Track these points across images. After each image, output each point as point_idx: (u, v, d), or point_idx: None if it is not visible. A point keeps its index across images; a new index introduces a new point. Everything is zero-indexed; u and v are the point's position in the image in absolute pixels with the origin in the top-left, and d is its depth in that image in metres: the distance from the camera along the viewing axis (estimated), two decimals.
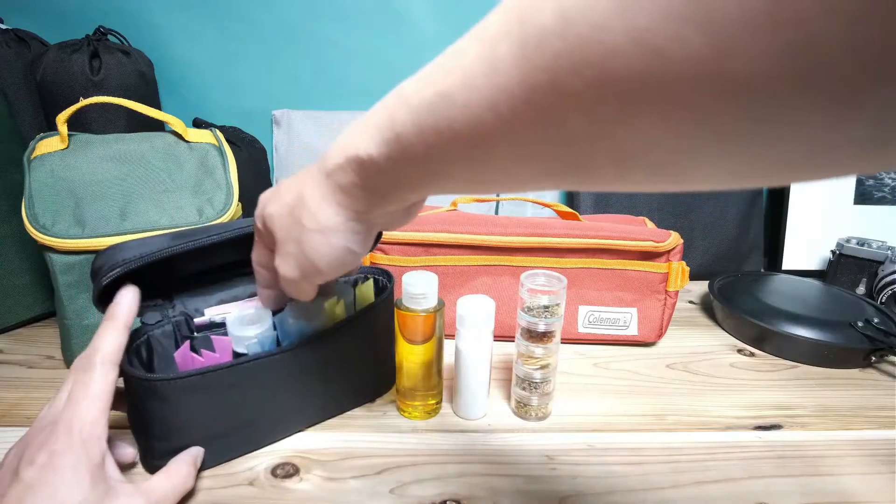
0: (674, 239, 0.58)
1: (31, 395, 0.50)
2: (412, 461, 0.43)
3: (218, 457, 0.41)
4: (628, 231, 0.59)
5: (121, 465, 0.40)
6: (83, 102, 0.55)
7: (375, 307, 0.47)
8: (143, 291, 0.39)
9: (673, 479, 0.42)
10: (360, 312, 0.46)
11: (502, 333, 0.59)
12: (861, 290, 0.77)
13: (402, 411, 0.48)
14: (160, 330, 0.43)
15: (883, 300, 0.69)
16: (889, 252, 0.74)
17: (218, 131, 0.63)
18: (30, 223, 0.50)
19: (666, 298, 0.60)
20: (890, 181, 0.85)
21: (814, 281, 0.73)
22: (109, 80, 0.68)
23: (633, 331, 0.61)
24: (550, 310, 0.45)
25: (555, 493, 0.40)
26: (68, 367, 0.54)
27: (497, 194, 0.27)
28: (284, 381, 0.42)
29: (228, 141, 0.65)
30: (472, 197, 0.67)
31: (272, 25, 0.81)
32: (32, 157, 0.53)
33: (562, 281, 0.45)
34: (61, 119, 0.54)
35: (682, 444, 0.46)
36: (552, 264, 0.59)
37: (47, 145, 0.54)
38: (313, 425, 0.46)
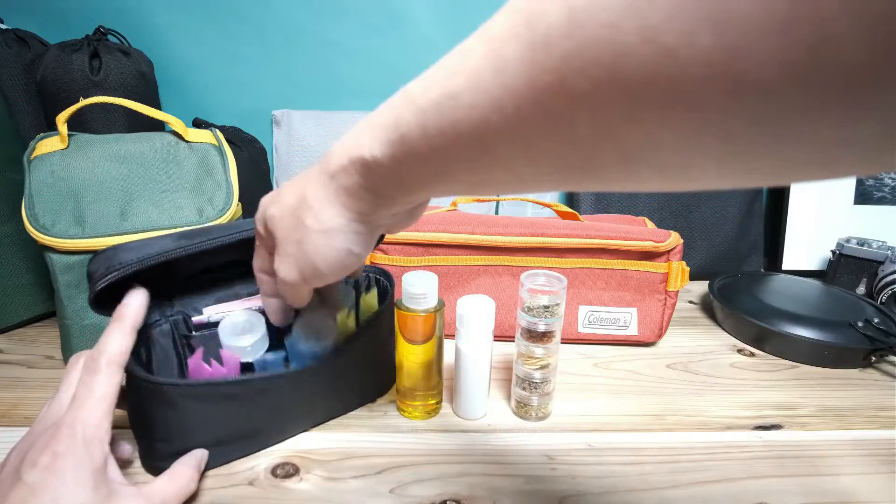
0: (674, 239, 0.58)
1: (31, 395, 0.50)
2: (412, 461, 0.43)
3: (219, 459, 0.41)
4: (628, 231, 0.59)
5: (119, 461, 0.40)
6: (83, 102, 0.55)
7: (380, 314, 0.47)
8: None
9: (673, 479, 0.42)
10: (368, 322, 0.46)
11: (502, 333, 0.59)
12: (861, 290, 0.77)
13: (402, 411, 0.48)
14: (158, 329, 0.43)
15: (883, 300, 0.69)
16: (889, 252, 0.74)
17: (218, 131, 0.63)
18: (30, 223, 0.50)
19: (666, 298, 0.60)
20: (890, 181, 0.85)
21: (814, 281, 0.73)
22: (109, 80, 0.68)
23: (633, 331, 0.61)
24: (550, 310, 0.45)
25: (555, 493, 0.40)
26: None
27: (498, 195, 0.27)
28: (292, 395, 0.42)
29: (228, 141, 0.65)
30: (472, 197, 0.67)
31: (272, 25, 0.81)
32: (32, 157, 0.53)
33: (562, 281, 0.45)
34: (61, 119, 0.54)
35: (682, 444, 0.46)
36: (552, 264, 0.59)
37: (47, 145, 0.54)
38: (315, 426, 0.46)
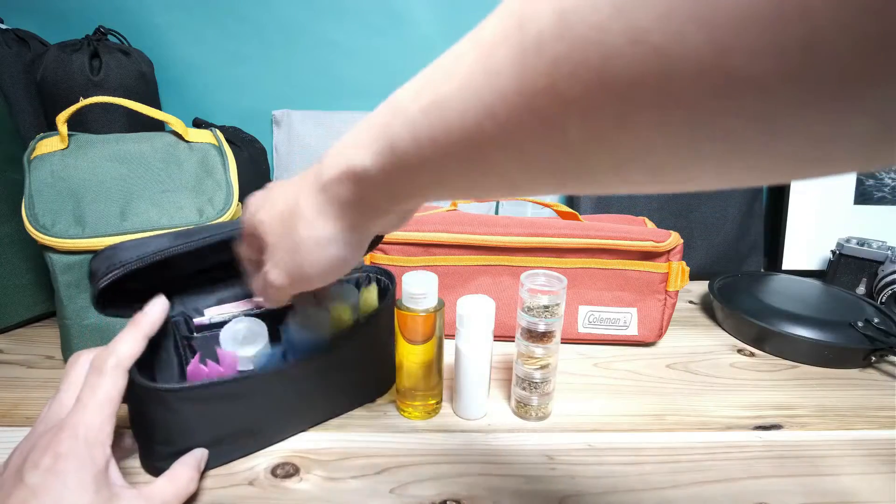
0: (674, 239, 0.58)
1: (32, 395, 0.50)
2: (412, 461, 0.43)
3: (219, 459, 0.41)
4: (628, 231, 0.59)
5: (121, 452, 0.40)
6: (83, 102, 0.55)
7: (380, 312, 0.47)
8: (140, 292, 0.39)
9: (673, 479, 0.42)
10: (367, 318, 0.46)
11: (502, 333, 0.59)
12: (861, 290, 0.77)
13: (402, 411, 0.48)
14: (160, 331, 0.43)
15: (883, 300, 0.69)
16: (889, 252, 0.74)
17: (218, 131, 0.63)
18: (30, 223, 0.50)
19: (666, 298, 0.60)
20: (890, 181, 0.85)
21: (814, 281, 0.73)
22: (109, 80, 0.68)
23: (633, 331, 0.61)
24: (550, 310, 0.45)
25: (555, 493, 0.40)
26: None
27: (492, 199, 0.26)
28: (290, 390, 0.43)
29: (228, 141, 0.65)
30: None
31: (272, 25, 0.81)
32: (32, 157, 0.53)
33: (562, 281, 0.45)
34: (61, 119, 0.54)
35: (682, 444, 0.46)
36: (552, 264, 0.59)
37: (47, 145, 0.54)
38: (315, 426, 0.46)
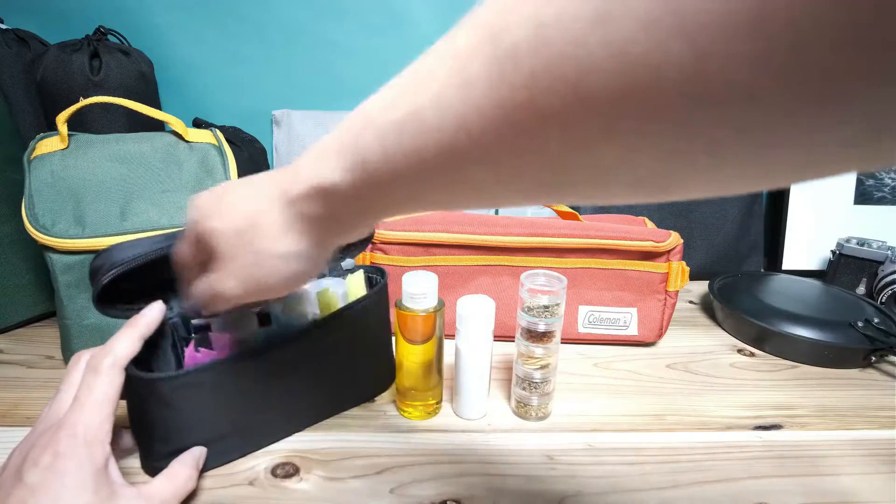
0: (674, 239, 0.58)
1: (31, 395, 0.50)
2: (412, 461, 0.43)
3: (218, 459, 0.41)
4: (628, 231, 0.59)
5: (122, 452, 0.40)
6: (83, 102, 0.55)
7: (368, 299, 0.47)
8: (140, 294, 0.39)
9: (673, 479, 0.42)
10: (354, 303, 0.46)
11: (502, 333, 0.59)
12: (861, 290, 0.77)
13: (402, 411, 0.48)
14: (157, 331, 0.43)
15: (883, 300, 0.69)
16: (889, 252, 0.74)
17: (218, 131, 0.63)
18: (30, 223, 0.50)
19: (666, 298, 0.60)
20: (890, 181, 0.85)
21: (814, 281, 0.73)
22: (109, 80, 0.68)
23: (633, 331, 0.61)
24: (550, 310, 0.45)
25: (555, 493, 0.40)
26: None
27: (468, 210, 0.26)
28: (282, 375, 0.43)
29: (228, 141, 0.65)
30: None
31: (272, 25, 0.81)
32: (32, 157, 0.53)
33: (562, 281, 0.45)
34: (61, 119, 0.54)
35: (682, 444, 0.46)
36: (552, 264, 0.59)
37: (47, 145, 0.54)
38: (312, 425, 0.46)
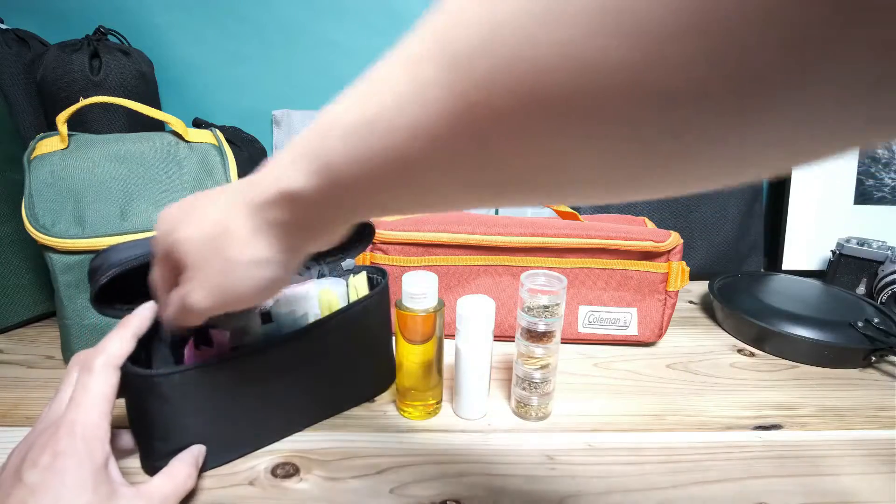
0: (674, 239, 0.58)
1: (31, 395, 0.50)
2: (412, 461, 0.43)
3: (218, 458, 0.41)
4: (628, 231, 0.59)
5: (122, 452, 0.40)
6: (83, 102, 0.55)
7: (369, 299, 0.47)
8: (138, 294, 0.39)
9: (673, 479, 0.42)
10: (355, 303, 0.46)
11: (502, 333, 0.59)
12: (861, 290, 0.77)
13: (402, 411, 0.48)
14: (153, 330, 0.43)
15: (883, 300, 0.69)
16: (889, 252, 0.74)
17: (218, 131, 0.63)
18: (30, 223, 0.50)
19: (666, 298, 0.60)
20: (890, 181, 0.85)
21: (814, 281, 0.73)
22: (109, 80, 0.68)
23: (633, 331, 0.61)
24: (550, 310, 0.45)
25: (555, 493, 0.40)
26: None
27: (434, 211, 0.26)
28: (282, 374, 0.43)
29: (228, 141, 0.65)
30: None
31: (272, 25, 0.81)
32: (32, 157, 0.53)
33: (562, 281, 0.45)
34: (61, 119, 0.54)
35: (682, 444, 0.46)
36: (552, 264, 0.59)
37: (47, 145, 0.54)
38: (312, 425, 0.46)
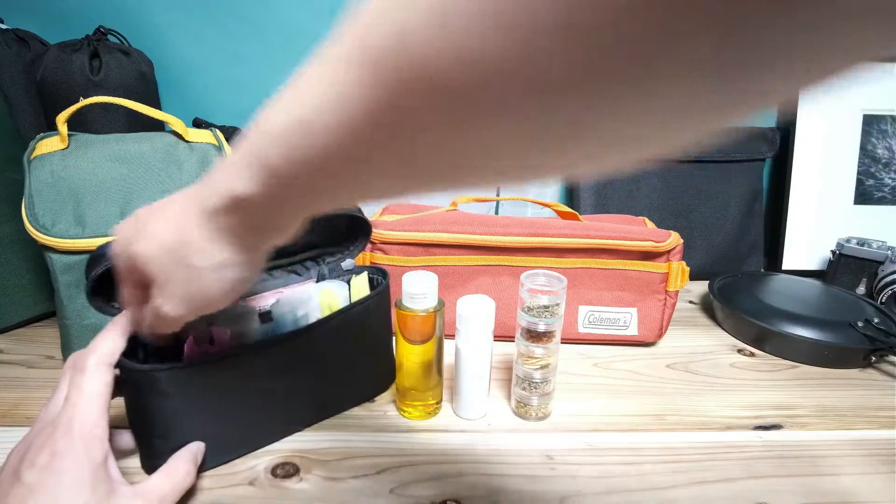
0: (674, 239, 0.58)
1: (31, 395, 0.50)
2: (412, 461, 0.43)
3: (218, 458, 0.41)
4: (628, 231, 0.59)
5: (122, 452, 0.40)
6: (83, 102, 0.55)
7: (370, 299, 0.47)
8: None
9: (673, 479, 0.42)
10: (355, 303, 0.46)
11: (502, 333, 0.59)
12: (861, 290, 0.77)
13: (402, 411, 0.48)
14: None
15: (883, 300, 0.69)
16: (889, 252, 0.74)
17: (218, 131, 0.63)
18: (30, 223, 0.50)
19: (666, 298, 0.60)
20: (890, 181, 0.85)
21: (814, 281, 0.73)
22: (109, 80, 0.68)
23: (633, 331, 0.61)
24: (550, 310, 0.45)
25: (555, 493, 0.40)
26: None
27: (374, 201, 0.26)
28: (282, 373, 0.43)
29: (228, 141, 0.65)
30: (471, 197, 0.67)
31: (272, 25, 0.81)
32: (32, 157, 0.53)
33: (562, 281, 0.45)
34: (61, 119, 0.54)
35: (682, 444, 0.46)
36: (552, 264, 0.59)
37: (47, 145, 0.54)
38: (312, 424, 0.46)
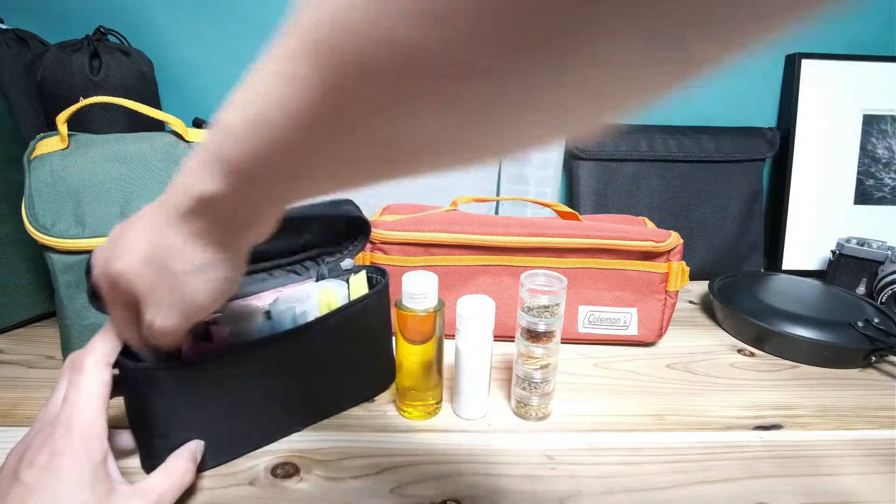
0: (674, 239, 0.58)
1: (31, 395, 0.50)
2: (412, 461, 0.43)
3: (218, 457, 0.41)
4: (628, 231, 0.59)
5: (121, 452, 0.40)
6: (83, 102, 0.55)
7: (369, 297, 0.47)
8: None
9: (673, 479, 0.42)
10: (354, 301, 0.46)
11: (502, 333, 0.59)
12: (861, 290, 0.77)
13: (402, 411, 0.48)
14: None
15: (883, 300, 0.69)
16: (889, 252, 0.74)
17: None
18: (30, 223, 0.50)
19: (666, 298, 0.60)
20: (890, 181, 0.85)
21: (814, 281, 0.73)
22: (109, 80, 0.68)
23: (633, 331, 0.61)
24: (550, 310, 0.45)
25: (555, 493, 0.40)
26: None
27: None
28: (282, 373, 0.43)
29: None
30: (471, 197, 0.67)
31: (272, 25, 0.80)
32: (32, 157, 0.53)
33: (562, 281, 0.45)
34: (61, 119, 0.54)
35: (682, 444, 0.46)
36: (552, 264, 0.59)
37: (47, 145, 0.54)
38: (312, 424, 0.46)
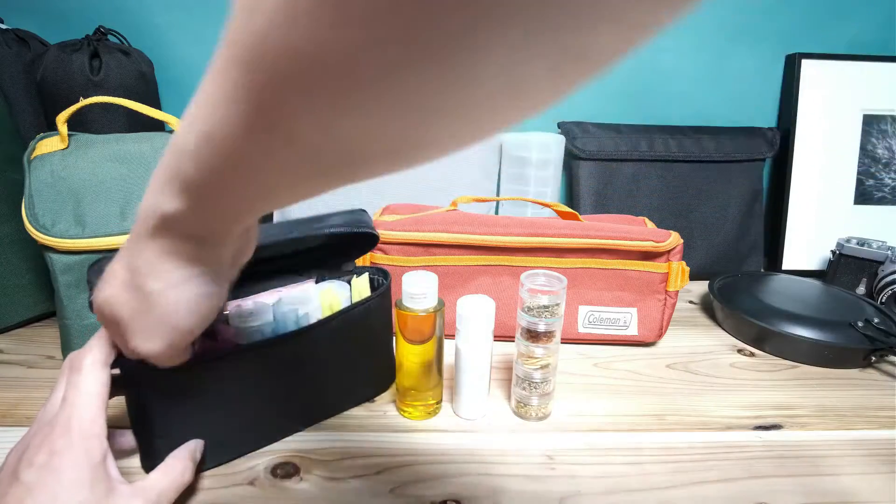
0: (674, 239, 0.58)
1: (31, 395, 0.50)
2: (412, 461, 0.43)
3: (218, 457, 0.41)
4: (628, 231, 0.59)
5: (121, 452, 0.40)
6: (83, 102, 0.55)
7: (371, 300, 0.47)
8: None
9: (673, 479, 0.42)
10: (356, 304, 0.46)
11: (502, 333, 0.59)
12: (861, 290, 0.77)
13: (402, 411, 0.48)
14: None
15: (883, 300, 0.69)
16: (889, 252, 0.74)
17: None
18: (30, 223, 0.50)
19: (666, 298, 0.60)
20: (890, 181, 0.85)
21: (814, 281, 0.73)
22: (109, 80, 0.68)
23: (633, 331, 0.61)
24: (550, 310, 0.45)
25: (555, 493, 0.40)
26: None
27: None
28: (283, 373, 0.43)
29: None
30: (471, 197, 0.67)
31: None
32: (32, 157, 0.53)
33: (562, 281, 0.45)
34: (61, 119, 0.54)
35: (682, 444, 0.46)
36: (552, 264, 0.59)
37: (47, 145, 0.54)
38: (312, 424, 0.46)
